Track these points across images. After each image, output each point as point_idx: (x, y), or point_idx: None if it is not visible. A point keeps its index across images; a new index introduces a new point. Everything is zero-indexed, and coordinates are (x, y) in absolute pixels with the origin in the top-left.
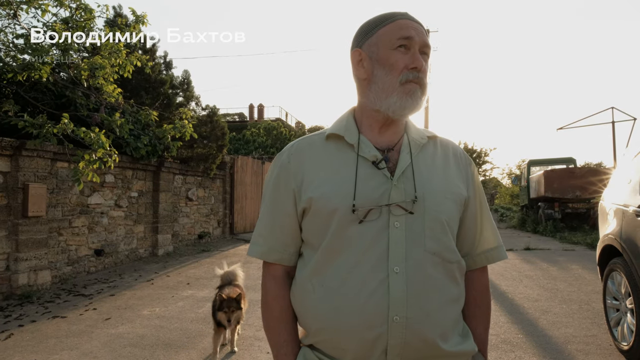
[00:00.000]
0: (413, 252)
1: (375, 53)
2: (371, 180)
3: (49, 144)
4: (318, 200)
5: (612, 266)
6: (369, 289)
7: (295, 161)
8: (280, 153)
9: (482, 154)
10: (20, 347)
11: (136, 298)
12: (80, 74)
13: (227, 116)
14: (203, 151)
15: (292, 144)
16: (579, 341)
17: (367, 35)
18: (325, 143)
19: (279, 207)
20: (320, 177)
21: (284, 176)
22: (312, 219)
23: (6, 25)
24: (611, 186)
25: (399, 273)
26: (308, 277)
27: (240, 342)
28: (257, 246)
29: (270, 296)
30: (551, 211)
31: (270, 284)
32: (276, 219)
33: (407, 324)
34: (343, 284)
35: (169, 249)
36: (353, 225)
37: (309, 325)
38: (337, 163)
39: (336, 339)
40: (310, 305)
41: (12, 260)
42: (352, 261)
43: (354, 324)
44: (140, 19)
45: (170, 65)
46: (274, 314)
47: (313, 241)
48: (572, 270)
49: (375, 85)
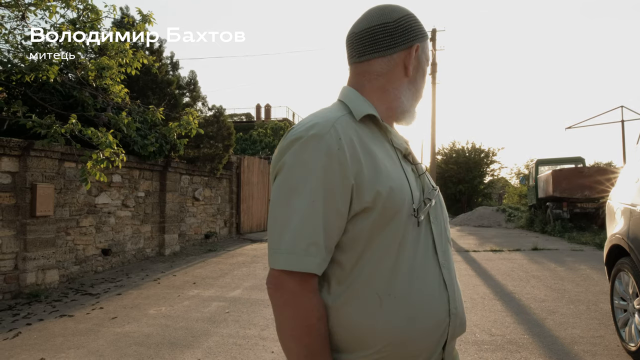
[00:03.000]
0: (445, 243)
1: (423, 60)
2: (410, 175)
3: (57, 144)
4: (388, 196)
5: (620, 266)
6: (435, 288)
7: (348, 146)
8: (316, 134)
9: (490, 153)
10: (28, 345)
11: (142, 297)
12: (88, 74)
13: (234, 116)
14: (209, 151)
15: (329, 124)
16: (586, 342)
17: (424, 36)
18: (360, 126)
19: (332, 206)
20: (379, 168)
21: (336, 167)
22: (373, 219)
23: (14, 27)
24: (619, 185)
25: (445, 266)
26: (364, 287)
27: (245, 341)
28: (310, 257)
29: (314, 317)
30: (559, 211)
31: (313, 302)
32: (330, 222)
33: (457, 314)
34: (413, 289)
35: (176, 248)
36: (413, 226)
37: (371, 342)
38: (382, 152)
39: (407, 349)
40: (379, 319)
41: (21, 259)
42: (415, 263)
43: (429, 326)
44: (146, 17)
45: (176, 66)
46: (320, 338)
47: (362, 245)
48: (580, 271)
49: (415, 90)
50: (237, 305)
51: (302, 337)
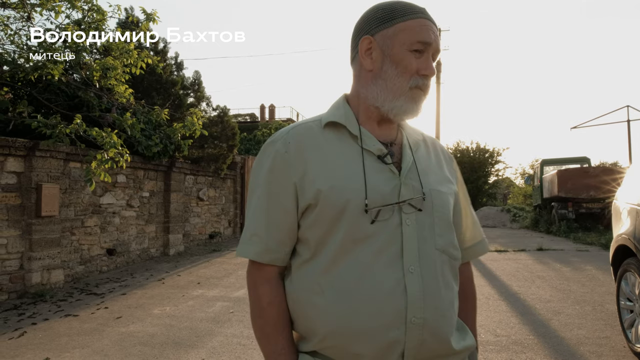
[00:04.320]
0: (426, 250)
1: (390, 48)
2: (379, 175)
3: (62, 145)
4: (328, 194)
5: (626, 267)
6: (385, 290)
7: (294, 150)
8: (272, 141)
9: (495, 153)
10: (33, 344)
11: (147, 297)
12: (93, 74)
13: (238, 117)
14: (214, 151)
15: (286, 131)
16: (591, 343)
17: (383, 24)
18: (324, 132)
19: (276, 203)
20: (326, 169)
21: (280, 167)
22: (318, 215)
23: (20, 28)
24: (625, 185)
25: (414, 273)
26: (314, 278)
27: (249, 341)
28: (251, 245)
29: (265, 301)
30: (565, 211)
31: (264, 288)
32: (273, 216)
33: (425, 325)
34: (357, 285)
35: (180, 248)
36: (365, 223)
37: (316, 330)
38: (341, 154)
39: (350, 343)
40: (320, 307)
41: (26, 259)
42: (365, 260)
43: (371, 326)
44: (150, 16)
45: (181, 66)
46: (270, 320)
47: (316, 239)
48: (585, 271)
49: (383, 82)
50: (242, 305)
51: (256, 318)
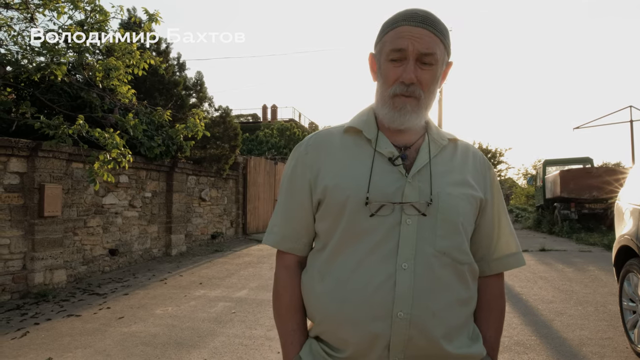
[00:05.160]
0: (423, 250)
1: (379, 61)
2: (386, 175)
3: (65, 145)
4: (332, 190)
5: (629, 267)
6: (375, 283)
7: (313, 153)
8: (299, 145)
9: (498, 154)
10: (36, 344)
11: (149, 297)
12: (95, 75)
13: (241, 117)
14: (216, 152)
15: (311, 136)
16: (594, 344)
17: (378, 38)
18: (344, 136)
19: (294, 198)
20: (336, 169)
21: (300, 167)
22: (325, 210)
23: (23, 29)
24: (628, 186)
25: (407, 270)
26: (318, 267)
27: (251, 341)
28: (272, 235)
29: (280, 285)
30: (567, 212)
31: (282, 273)
32: (291, 209)
33: (412, 321)
34: (351, 276)
35: (182, 249)
36: (365, 219)
37: (314, 315)
38: (353, 156)
39: (339, 329)
40: (317, 294)
41: (29, 259)
42: (361, 254)
43: (357, 315)
44: (153, 17)
45: (183, 67)
46: (284, 303)
47: (324, 232)
48: (588, 272)
49: (378, 93)
50: (244, 306)
51: (274, 300)
